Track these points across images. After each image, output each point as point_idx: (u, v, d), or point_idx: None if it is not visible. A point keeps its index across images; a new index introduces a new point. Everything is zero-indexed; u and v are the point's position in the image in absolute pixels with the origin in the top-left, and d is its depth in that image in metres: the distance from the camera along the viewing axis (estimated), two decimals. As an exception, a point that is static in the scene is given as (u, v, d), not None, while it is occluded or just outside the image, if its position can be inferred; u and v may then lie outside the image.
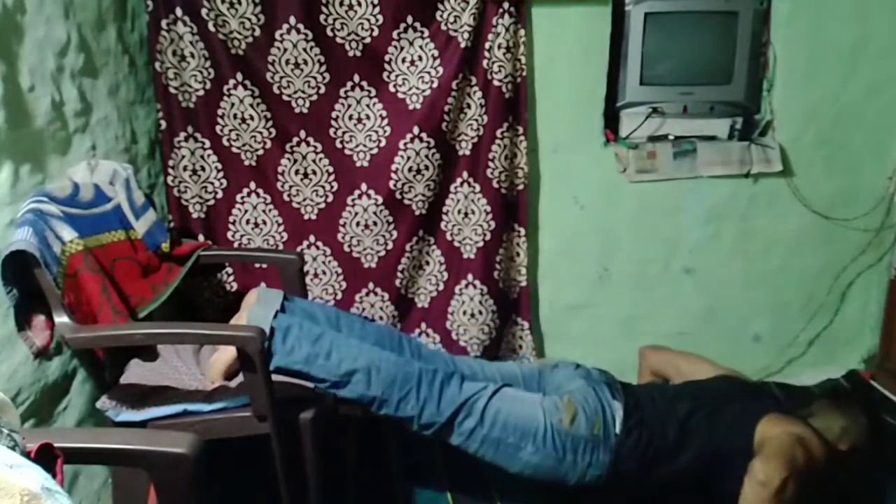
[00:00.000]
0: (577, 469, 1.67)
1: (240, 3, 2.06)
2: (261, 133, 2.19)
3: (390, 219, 2.28)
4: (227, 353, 1.61)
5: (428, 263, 2.38)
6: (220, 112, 2.16)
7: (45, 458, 0.79)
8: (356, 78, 2.18)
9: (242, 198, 2.25)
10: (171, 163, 2.18)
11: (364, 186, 2.26)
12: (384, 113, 2.22)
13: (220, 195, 2.24)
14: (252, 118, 2.17)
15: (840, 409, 1.77)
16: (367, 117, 2.22)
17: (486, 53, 2.16)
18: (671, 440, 1.69)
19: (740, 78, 2.37)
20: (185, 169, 2.18)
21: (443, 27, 2.14)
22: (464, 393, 1.68)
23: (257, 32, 2.10)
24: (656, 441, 1.69)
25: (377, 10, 2.11)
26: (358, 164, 2.25)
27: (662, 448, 1.69)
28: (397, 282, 2.35)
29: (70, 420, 1.57)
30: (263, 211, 2.27)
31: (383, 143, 2.23)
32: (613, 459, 1.67)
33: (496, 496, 1.96)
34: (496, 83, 2.19)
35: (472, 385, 1.71)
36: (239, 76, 2.12)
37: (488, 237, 2.32)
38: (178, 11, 2.04)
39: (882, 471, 1.87)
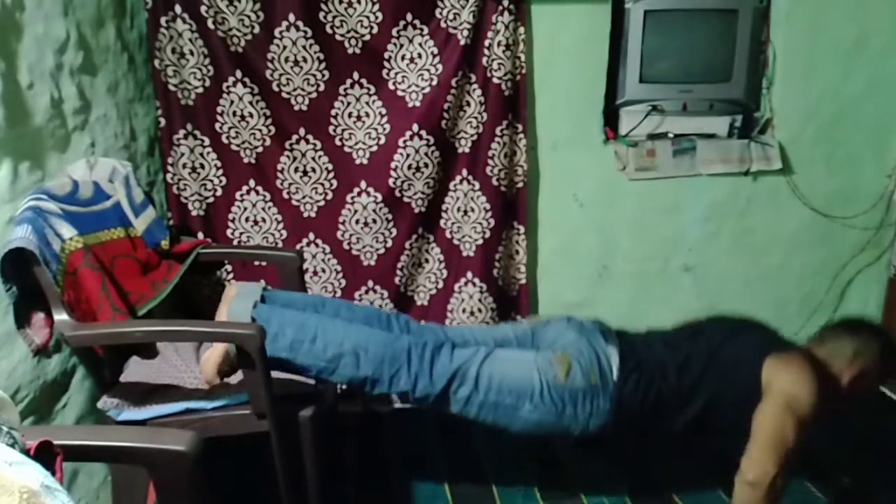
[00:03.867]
0: (579, 420, 1.63)
1: (239, 0, 2.06)
2: (260, 130, 2.19)
3: (390, 216, 2.28)
4: (217, 352, 1.56)
5: (427, 261, 2.38)
6: (219, 109, 2.16)
7: (45, 455, 0.79)
8: (356, 75, 2.18)
9: (242, 195, 2.25)
10: (170, 160, 2.18)
11: (363, 184, 2.26)
12: (384, 110, 2.22)
13: (219, 193, 2.24)
14: (251, 116, 2.16)
15: (851, 332, 1.73)
16: (367, 115, 2.22)
17: (486, 51, 2.16)
18: (673, 383, 1.65)
19: (740, 76, 2.37)
20: (184, 166, 2.18)
21: (442, 25, 2.14)
22: (455, 361, 1.63)
23: (256, 30, 2.10)
24: (657, 384, 1.65)
25: (377, 7, 2.11)
26: (357, 161, 2.25)
27: (665, 392, 1.64)
28: (397, 279, 2.34)
29: (69, 417, 1.57)
30: (263, 209, 2.27)
31: (383, 141, 2.23)
32: (615, 405, 1.62)
33: (495, 490, 1.95)
34: (496, 81, 2.18)
35: (463, 352, 1.65)
36: (238, 73, 2.12)
37: (487, 235, 2.32)
38: (178, 9, 2.04)
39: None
